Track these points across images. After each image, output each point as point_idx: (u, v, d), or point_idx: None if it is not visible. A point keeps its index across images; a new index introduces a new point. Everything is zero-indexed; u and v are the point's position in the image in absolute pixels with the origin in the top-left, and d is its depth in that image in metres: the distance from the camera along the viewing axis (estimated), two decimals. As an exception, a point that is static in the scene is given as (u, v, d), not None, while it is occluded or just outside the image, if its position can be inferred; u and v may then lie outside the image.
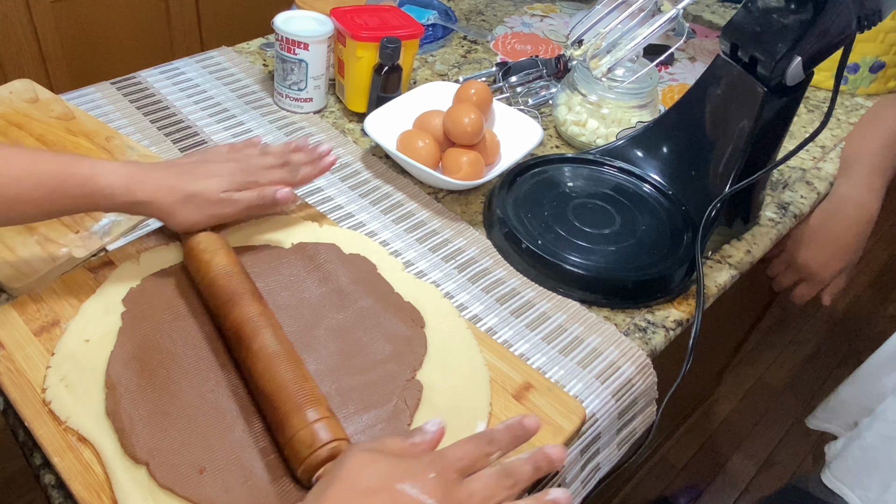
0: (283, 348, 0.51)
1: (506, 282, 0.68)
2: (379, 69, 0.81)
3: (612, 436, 0.62)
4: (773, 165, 0.71)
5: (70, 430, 0.49)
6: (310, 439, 0.46)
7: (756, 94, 0.66)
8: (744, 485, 1.59)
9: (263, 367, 0.50)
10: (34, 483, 0.74)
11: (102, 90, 0.85)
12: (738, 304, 1.19)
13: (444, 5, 1.09)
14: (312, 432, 0.46)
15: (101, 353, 0.54)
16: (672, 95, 0.99)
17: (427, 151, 0.74)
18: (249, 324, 0.52)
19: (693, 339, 0.64)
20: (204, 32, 1.84)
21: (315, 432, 0.46)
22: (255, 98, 0.88)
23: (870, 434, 0.76)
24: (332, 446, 0.46)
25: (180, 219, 0.59)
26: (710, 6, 1.25)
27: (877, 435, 0.75)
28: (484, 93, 0.79)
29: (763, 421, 1.73)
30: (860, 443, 0.76)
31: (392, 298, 0.62)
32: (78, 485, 0.47)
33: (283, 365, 0.50)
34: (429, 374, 0.56)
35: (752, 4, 0.65)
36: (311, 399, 0.48)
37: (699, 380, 1.54)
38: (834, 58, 0.63)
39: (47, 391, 0.51)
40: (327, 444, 0.45)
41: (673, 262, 0.68)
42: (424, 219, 0.74)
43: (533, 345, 0.62)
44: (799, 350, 1.93)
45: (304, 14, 0.83)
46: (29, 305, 0.58)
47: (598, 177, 0.78)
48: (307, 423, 0.46)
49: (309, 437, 0.46)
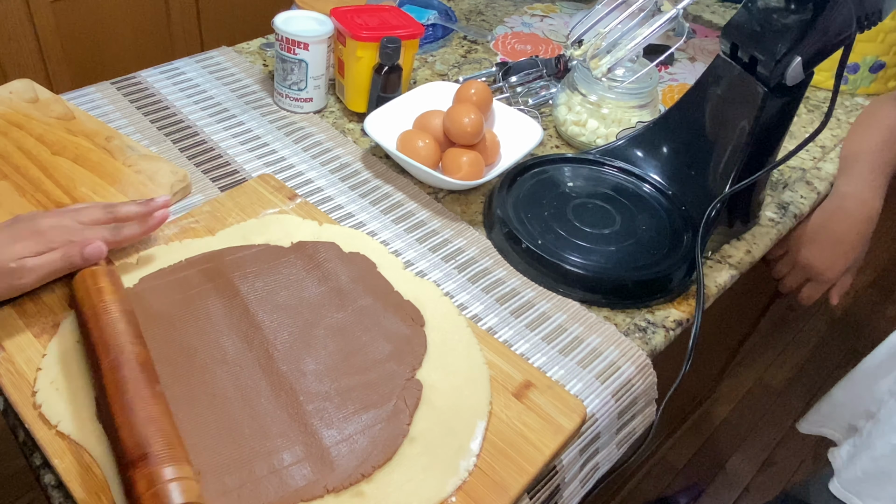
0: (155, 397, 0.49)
1: (506, 282, 0.68)
2: (379, 69, 0.81)
3: (612, 435, 0.62)
4: (773, 165, 0.71)
5: (62, 434, 0.49)
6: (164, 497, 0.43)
7: (756, 94, 0.66)
8: (744, 485, 1.59)
9: (137, 411, 0.46)
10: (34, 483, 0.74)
11: (102, 90, 0.85)
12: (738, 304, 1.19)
13: (444, 5, 1.08)
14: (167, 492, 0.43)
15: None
16: (672, 95, 0.98)
17: (427, 151, 0.74)
18: (144, 370, 0.50)
19: (693, 339, 0.64)
20: (204, 32, 1.84)
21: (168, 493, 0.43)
22: (255, 98, 0.88)
23: (881, 444, 0.75)
24: None
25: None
26: (710, 6, 1.25)
27: (888, 445, 0.75)
28: (484, 93, 0.79)
29: (763, 421, 1.73)
30: (871, 453, 0.76)
31: (392, 297, 0.62)
32: (77, 486, 0.47)
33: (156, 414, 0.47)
34: (428, 373, 0.56)
35: (752, 4, 0.65)
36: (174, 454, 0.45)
37: (699, 380, 1.54)
38: (834, 58, 0.63)
39: (38, 394, 0.51)
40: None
41: (673, 262, 0.68)
42: (424, 219, 0.74)
43: (533, 345, 0.62)
44: (799, 350, 1.93)
45: (304, 14, 0.83)
46: (29, 307, 0.57)
47: (598, 177, 0.78)
48: (165, 481, 0.43)
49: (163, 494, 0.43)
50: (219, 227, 0.67)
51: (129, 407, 0.46)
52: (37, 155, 0.71)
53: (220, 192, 0.73)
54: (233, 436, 0.50)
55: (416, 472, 0.50)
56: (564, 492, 0.58)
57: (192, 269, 0.62)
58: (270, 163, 0.78)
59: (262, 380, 0.54)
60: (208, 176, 0.75)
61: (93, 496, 0.46)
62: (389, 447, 0.51)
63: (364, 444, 0.51)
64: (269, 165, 0.78)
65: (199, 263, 0.62)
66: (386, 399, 0.54)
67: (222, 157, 0.78)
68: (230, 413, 0.51)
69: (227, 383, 0.53)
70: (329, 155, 0.80)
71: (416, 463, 0.51)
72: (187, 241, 0.65)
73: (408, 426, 0.52)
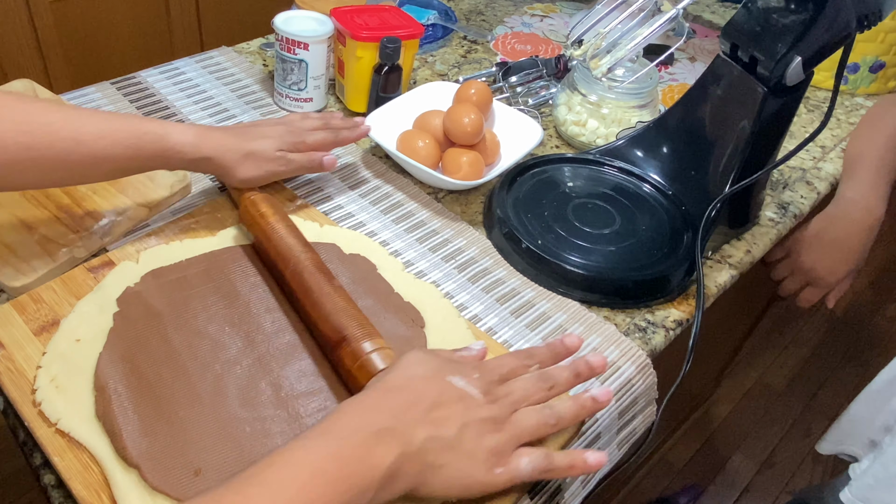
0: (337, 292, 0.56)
1: (506, 282, 0.68)
2: (379, 69, 0.81)
3: (612, 436, 0.62)
4: (773, 165, 0.71)
5: (61, 432, 0.49)
6: (370, 366, 0.51)
7: (756, 94, 0.66)
8: (744, 485, 1.59)
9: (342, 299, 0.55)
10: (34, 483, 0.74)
11: (102, 90, 0.85)
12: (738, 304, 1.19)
13: (444, 5, 1.09)
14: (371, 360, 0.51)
15: (91, 353, 0.54)
16: (672, 95, 0.99)
17: (427, 151, 0.74)
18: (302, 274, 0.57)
19: (693, 339, 0.64)
20: (204, 32, 1.84)
21: (373, 360, 0.51)
22: (255, 98, 0.88)
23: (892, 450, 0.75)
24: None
25: (240, 174, 0.64)
26: (710, 6, 1.25)
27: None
28: (484, 93, 0.79)
29: (763, 421, 1.73)
30: (883, 460, 0.76)
31: (392, 298, 0.62)
32: (78, 485, 0.47)
33: (349, 303, 0.56)
34: (429, 374, 0.56)
35: (752, 4, 0.65)
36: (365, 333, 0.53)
37: (699, 380, 1.54)
38: (834, 58, 0.63)
39: (37, 392, 0.51)
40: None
41: (673, 262, 0.68)
42: (424, 219, 0.74)
43: (533, 345, 0.62)
44: (799, 350, 1.93)
45: (304, 14, 0.83)
46: (29, 305, 0.58)
47: (598, 177, 0.78)
48: (369, 352, 0.51)
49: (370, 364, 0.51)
50: (219, 227, 0.67)
51: (320, 303, 0.55)
52: (37, 155, 0.71)
53: (221, 193, 0.73)
54: (233, 435, 0.50)
55: (417, 472, 0.50)
56: (566, 492, 0.58)
57: (192, 269, 0.62)
58: (270, 163, 0.78)
59: (263, 379, 0.54)
60: (208, 176, 0.75)
61: (93, 494, 0.46)
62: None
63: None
64: (270, 165, 0.78)
65: (199, 263, 0.62)
66: (386, 399, 0.54)
67: (222, 156, 0.78)
68: (231, 412, 0.51)
69: (227, 383, 0.53)
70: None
71: (416, 463, 0.51)
72: (188, 240, 0.65)
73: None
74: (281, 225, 0.62)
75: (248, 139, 0.64)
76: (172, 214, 0.69)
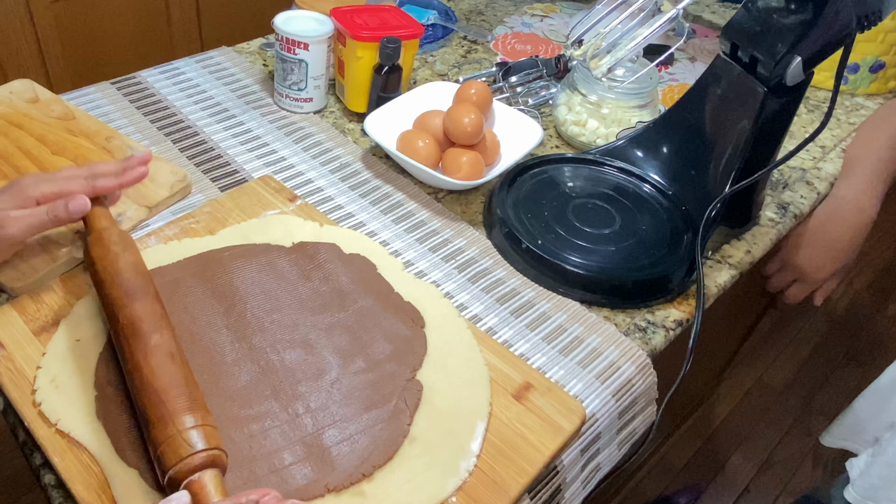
0: (178, 351, 0.49)
1: (506, 282, 0.68)
2: (379, 69, 0.81)
3: (613, 436, 0.62)
4: (773, 165, 0.71)
5: (61, 432, 0.49)
6: (186, 446, 0.43)
7: (756, 94, 0.66)
8: (744, 485, 1.59)
9: (156, 364, 0.47)
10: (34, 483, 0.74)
11: (102, 90, 0.85)
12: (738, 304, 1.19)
13: (444, 5, 1.09)
14: (187, 438, 0.44)
15: (91, 353, 0.54)
16: (672, 95, 0.99)
17: (427, 151, 0.74)
18: (149, 321, 0.50)
19: (693, 339, 0.64)
20: (204, 32, 1.84)
21: (189, 439, 0.44)
22: (255, 98, 0.88)
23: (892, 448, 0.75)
24: (205, 455, 0.44)
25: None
26: (710, 6, 1.25)
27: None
28: (484, 93, 0.79)
29: (763, 421, 1.73)
30: (885, 459, 0.76)
31: (392, 298, 0.62)
32: (78, 485, 0.47)
33: (175, 365, 0.48)
34: (429, 374, 0.56)
35: (752, 4, 0.65)
36: (192, 404, 0.46)
37: (699, 380, 1.54)
38: (834, 58, 0.63)
39: (37, 392, 0.51)
40: (201, 452, 0.43)
41: (673, 262, 0.68)
42: (424, 219, 0.74)
43: (533, 345, 0.62)
44: (799, 350, 1.93)
45: (304, 14, 0.83)
46: (29, 305, 0.58)
47: (598, 177, 0.78)
48: (184, 429, 0.44)
49: (185, 443, 0.44)
50: (219, 227, 0.67)
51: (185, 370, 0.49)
52: (37, 155, 0.71)
53: (220, 193, 0.73)
54: (233, 435, 0.50)
55: (417, 472, 0.50)
56: (566, 492, 0.58)
57: (191, 269, 0.62)
58: (270, 163, 0.78)
59: (263, 380, 0.54)
60: (208, 176, 0.75)
61: (93, 494, 0.46)
62: (390, 447, 0.51)
63: (365, 444, 0.51)
64: (269, 165, 0.78)
65: (198, 263, 0.62)
66: (387, 399, 0.54)
67: (222, 157, 0.78)
68: (231, 412, 0.51)
69: (227, 383, 0.53)
70: (329, 155, 0.80)
71: (416, 463, 0.51)
72: (187, 240, 0.65)
73: (408, 426, 0.52)
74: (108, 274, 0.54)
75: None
76: (172, 214, 0.69)
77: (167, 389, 0.46)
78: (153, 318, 0.51)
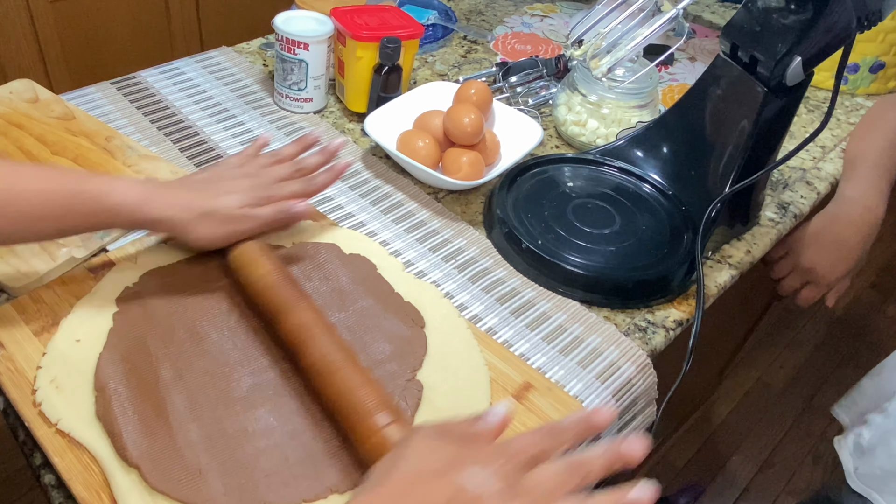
0: (341, 355, 0.51)
1: (506, 282, 0.68)
2: (379, 69, 0.81)
3: (613, 436, 0.62)
4: (773, 165, 0.71)
5: (62, 432, 0.49)
6: (382, 447, 0.46)
7: (756, 94, 0.66)
8: (744, 485, 1.59)
9: (324, 379, 0.50)
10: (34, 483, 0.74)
11: (102, 90, 0.85)
12: (738, 304, 1.19)
13: (444, 5, 1.09)
14: (384, 438, 0.46)
15: (91, 353, 0.54)
16: (672, 95, 0.99)
17: (427, 151, 0.74)
18: (301, 333, 0.52)
19: (693, 339, 0.64)
20: (204, 32, 1.84)
21: (387, 438, 0.46)
22: (255, 98, 0.88)
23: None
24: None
25: (197, 236, 0.58)
26: (710, 6, 1.25)
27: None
28: (484, 93, 0.79)
29: (763, 421, 1.73)
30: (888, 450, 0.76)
31: (392, 298, 0.62)
32: (78, 485, 0.47)
33: (341, 373, 0.50)
34: (429, 375, 0.56)
35: (752, 4, 0.65)
36: (377, 403, 0.48)
37: (699, 380, 1.54)
38: (834, 58, 0.63)
39: (38, 392, 0.51)
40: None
41: (673, 262, 0.68)
42: (424, 219, 0.74)
43: (533, 345, 0.62)
44: (799, 350, 1.93)
45: (304, 14, 0.83)
46: (29, 305, 0.58)
47: (598, 177, 0.78)
48: (377, 430, 0.46)
49: (381, 443, 0.46)
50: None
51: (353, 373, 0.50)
52: (37, 155, 0.71)
53: (221, 192, 0.73)
54: (234, 435, 0.50)
55: (417, 472, 0.50)
56: (564, 492, 0.58)
57: (191, 269, 0.62)
58: (270, 163, 0.78)
59: (263, 380, 0.54)
60: (208, 176, 0.75)
61: (93, 494, 0.46)
62: (390, 447, 0.51)
63: (364, 444, 0.51)
64: (270, 165, 0.78)
65: (198, 263, 0.62)
66: (386, 399, 0.54)
67: (222, 157, 0.78)
68: (231, 413, 0.51)
69: (227, 384, 0.53)
70: (329, 155, 0.80)
71: (416, 463, 0.50)
72: (187, 241, 0.65)
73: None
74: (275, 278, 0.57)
75: (207, 196, 0.58)
76: (172, 214, 0.69)
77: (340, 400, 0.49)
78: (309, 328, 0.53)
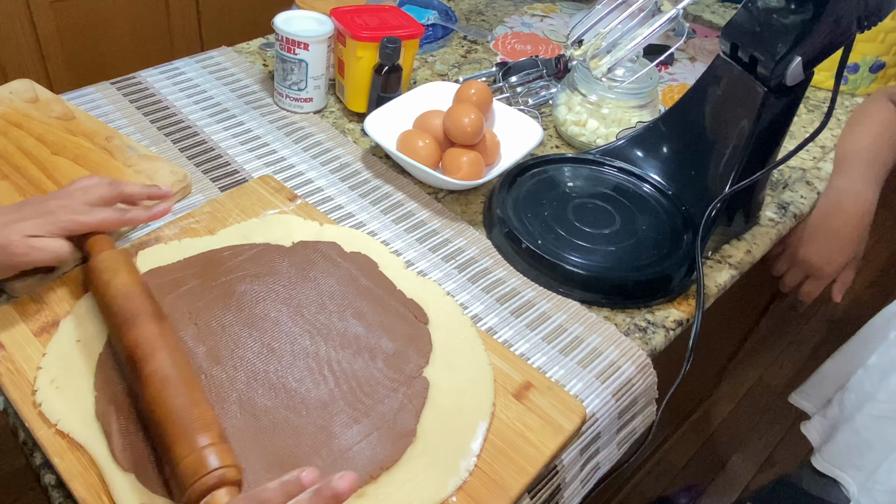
0: (177, 371, 0.48)
1: (506, 282, 0.68)
2: (379, 69, 0.81)
3: (612, 435, 0.62)
4: (773, 165, 0.71)
5: (62, 433, 0.49)
6: (196, 466, 0.43)
7: (756, 94, 0.66)
8: (744, 485, 1.59)
9: (155, 392, 0.47)
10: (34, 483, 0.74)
11: (102, 90, 0.85)
12: (738, 304, 1.18)
13: (444, 5, 1.09)
14: (200, 458, 0.44)
15: (91, 353, 0.54)
16: (672, 95, 0.99)
17: (427, 151, 0.74)
18: (143, 347, 0.50)
19: (693, 339, 0.64)
20: (204, 32, 1.84)
21: (203, 458, 0.44)
22: (255, 98, 0.88)
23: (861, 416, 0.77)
24: (219, 473, 0.43)
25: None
26: (710, 6, 1.25)
27: (868, 416, 0.76)
28: (484, 93, 0.79)
29: (763, 421, 1.73)
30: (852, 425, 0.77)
31: (395, 295, 0.62)
32: (78, 485, 0.47)
33: (173, 389, 0.47)
34: (434, 372, 0.56)
35: (752, 4, 0.65)
36: (200, 425, 0.45)
37: (699, 380, 1.54)
38: (834, 58, 0.63)
39: (38, 393, 0.51)
40: (214, 471, 0.43)
41: (673, 262, 0.68)
42: (424, 219, 0.74)
43: (533, 344, 0.62)
44: (799, 350, 1.93)
45: (304, 14, 0.83)
46: (29, 305, 0.58)
47: (598, 177, 0.78)
48: (195, 450, 0.44)
49: (195, 463, 0.43)
50: (219, 227, 0.67)
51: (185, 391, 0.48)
52: (37, 155, 0.71)
53: (220, 192, 0.73)
54: (234, 436, 0.50)
55: (418, 472, 0.50)
56: (565, 492, 0.58)
57: (190, 269, 0.62)
58: (270, 163, 0.78)
59: (262, 381, 0.54)
60: (208, 176, 0.75)
61: (93, 495, 0.46)
62: (398, 448, 0.51)
63: (371, 445, 0.51)
64: (270, 165, 0.78)
65: (198, 263, 0.62)
66: (392, 399, 0.54)
67: (222, 157, 0.78)
68: (231, 413, 0.51)
69: (226, 385, 0.53)
70: (329, 155, 0.80)
71: (417, 462, 0.51)
72: (187, 240, 0.65)
73: (415, 426, 0.52)
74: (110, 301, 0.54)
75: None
76: (172, 214, 0.69)
77: (168, 418, 0.46)
78: (148, 343, 0.50)
